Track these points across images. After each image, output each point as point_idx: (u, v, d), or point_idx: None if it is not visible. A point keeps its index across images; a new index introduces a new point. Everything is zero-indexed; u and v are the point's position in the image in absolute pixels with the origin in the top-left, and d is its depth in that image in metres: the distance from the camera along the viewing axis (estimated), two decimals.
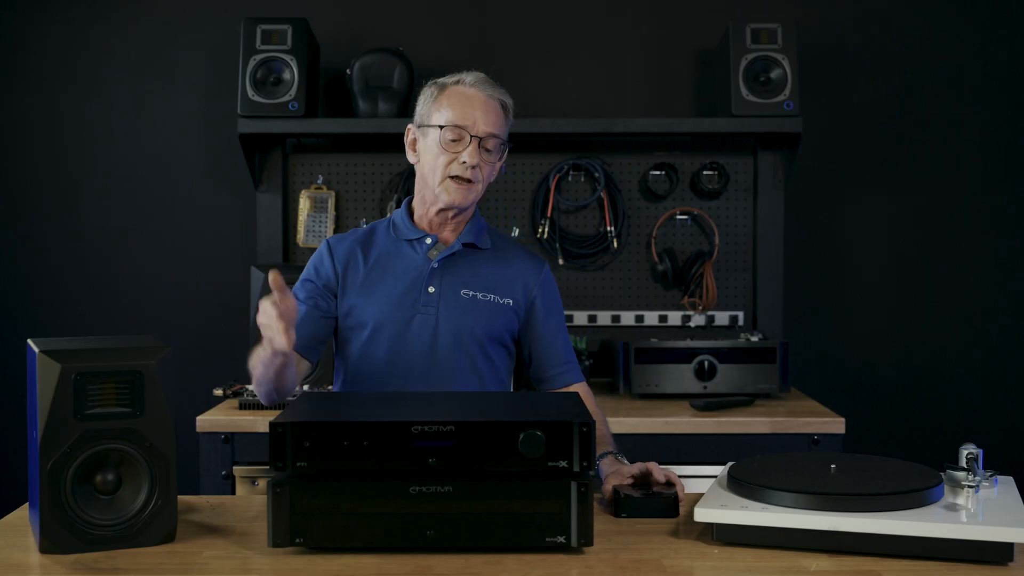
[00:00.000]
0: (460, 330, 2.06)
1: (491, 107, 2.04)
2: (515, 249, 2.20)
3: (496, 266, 2.13)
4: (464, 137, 2.02)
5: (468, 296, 2.08)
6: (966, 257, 3.48)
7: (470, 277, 2.10)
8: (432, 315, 2.06)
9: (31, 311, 3.47)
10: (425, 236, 2.12)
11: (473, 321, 2.07)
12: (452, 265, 2.10)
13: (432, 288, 2.07)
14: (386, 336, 2.05)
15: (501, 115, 2.06)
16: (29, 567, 1.44)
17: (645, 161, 3.44)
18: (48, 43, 3.45)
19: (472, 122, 2.02)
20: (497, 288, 2.11)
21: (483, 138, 2.02)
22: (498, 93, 2.07)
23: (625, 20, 3.49)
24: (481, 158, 2.03)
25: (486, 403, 1.72)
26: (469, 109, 2.02)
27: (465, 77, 2.07)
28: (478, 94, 2.04)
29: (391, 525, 1.45)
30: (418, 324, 2.05)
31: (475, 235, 2.13)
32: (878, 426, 3.46)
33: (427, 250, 2.11)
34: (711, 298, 3.38)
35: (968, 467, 1.54)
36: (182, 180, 3.49)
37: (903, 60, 3.47)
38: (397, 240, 2.13)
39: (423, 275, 2.08)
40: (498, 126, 2.04)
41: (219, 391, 2.94)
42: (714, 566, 1.43)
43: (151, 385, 1.51)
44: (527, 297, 2.13)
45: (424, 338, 2.05)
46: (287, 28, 3.19)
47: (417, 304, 2.06)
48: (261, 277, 3.07)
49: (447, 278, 2.08)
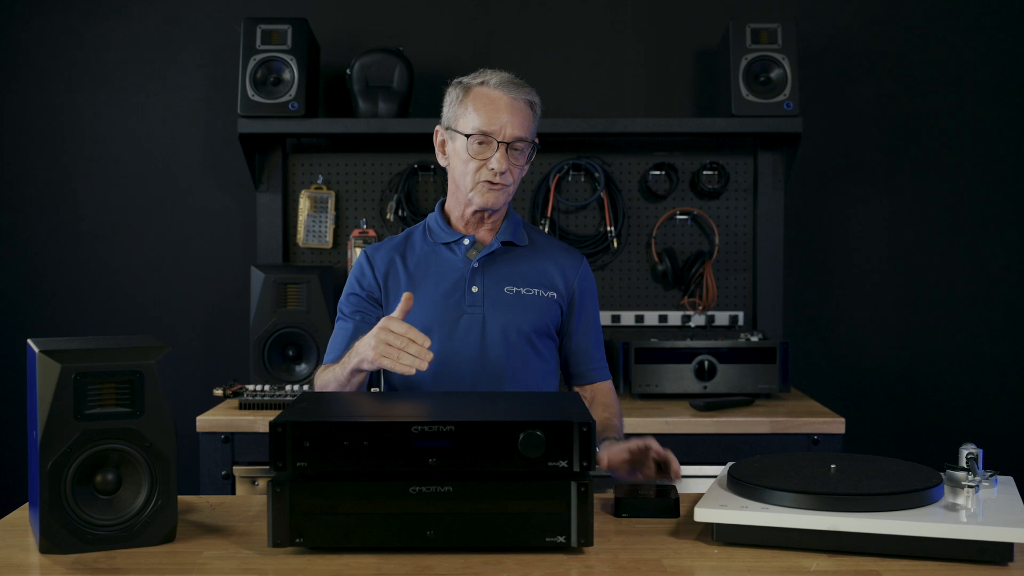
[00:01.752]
0: (508, 326, 2.06)
1: (517, 109, 2.02)
2: (554, 244, 2.20)
3: (536, 261, 2.13)
4: (491, 143, 2.00)
5: (512, 292, 2.08)
6: (966, 257, 3.48)
7: (512, 273, 2.10)
8: (478, 314, 2.06)
9: (31, 311, 3.47)
10: (462, 237, 2.11)
11: (520, 316, 2.07)
12: (492, 263, 2.10)
13: (475, 288, 2.07)
14: (435, 339, 2.03)
15: (528, 115, 2.04)
16: (29, 567, 1.44)
17: (645, 161, 3.44)
18: (48, 43, 3.45)
19: (499, 128, 2.00)
20: (540, 282, 2.12)
21: (510, 143, 2.00)
22: (523, 93, 2.04)
23: (625, 20, 3.49)
24: (510, 161, 2.01)
25: (486, 403, 1.72)
26: (495, 114, 2.00)
27: (490, 78, 2.04)
28: (503, 96, 2.01)
29: (391, 525, 1.45)
30: (465, 324, 2.05)
31: (512, 232, 2.13)
32: (878, 426, 3.46)
33: (466, 251, 2.10)
34: (711, 298, 3.38)
35: (968, 467, 1.54)
36: (182, 180, 3.49)
37: (903, 60, 3.47)
38: (435, 244, 2.13)
39: (465, 276, 2.08)
40: (525, 128, 2.02)
41: (219, 391, 2.94)
42: (714, 566, 1.43)
43: (151, 385, 1.51)
44: (568, 290, 2.14)
45: (472, 338, 2.05)
46: (287, 28, 3.19)
47: (462, 305, 2.06)
48: (261, 277, 3.08)
49: (489, 277, 2.08)
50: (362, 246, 3.38)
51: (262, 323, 3.06)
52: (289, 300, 3.07)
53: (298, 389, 2.91)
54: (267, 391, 2.90)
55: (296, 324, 3.06)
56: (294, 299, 3.07)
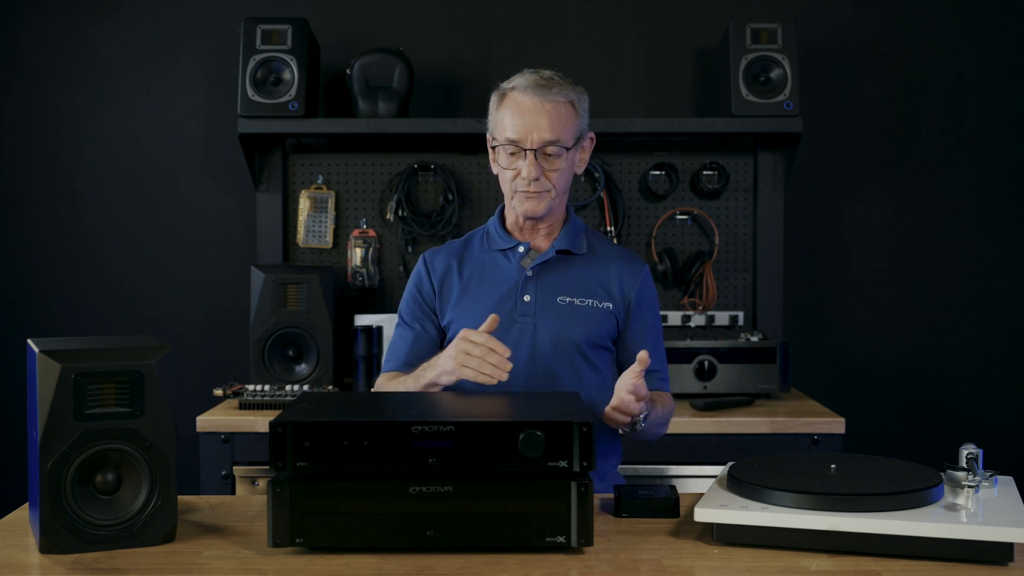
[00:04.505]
0: (559, 337, 2.01)
1: (546, 112, 1.95)
2: (613, 251, 2.14)
3: (593, 270, 2.08)
4: (520, 151, 1.97)
5: (565, 303, 2.04)
6: (966, 257, 3.48)
7: (566, 283, 2.05)
8: (530, 324, 2.02)
9: (31, 311, 3.47)
10: (518, 245, 2.07)
11: (572, 327, 2.02)
12: (547, 272, 2.06)
13: (528, 296, 2.03)
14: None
15: (562, 116, 1.96)
16: (29, 567, 1.44)
17: (645, 161, 3.44)
18: (48, 43, 3.45)
19: (525, 135, 1.95)
20: (595, 292, 2.06)
21: (539, 148, 1.96)
22: (555, 95, 1.97)
23: (625, 20, 3.49)
24: (542, 168, 1.97)
25: (486, 403, 1.72)
26: (521, 120, 1.96)
27: (519, 81, 1.99)
28: (530, 101, 1.96)
29: (391, 525, 1.45)
30: (516, 334, 2.01)
31: (570, 240, 2.08)
32: (878, 426, 3.46)
33: (520, 259, 2.07)
34: (711, 298, 3.38)
35: (968, 467, 1.54)
36: (182, 180, 3.49)
37: (903, 60, 3.47)
38: (491, 250, 2.10)
39: (518, 284, 2.05)
40: (556, 130, 1.96)
41: (219, 391, 2.94)
42: (714, 566, 1.43)
43: (151, 385, 1.51)
44: (625, 299, 2.08)
45: (523, 347, 2.01)
46: (287, 28, 3.19)
47: (514, 314, 2.03)
48: (261, 277, 3.08)
49: (542, 285, 2.05)
50: (362, 246, 3.38)
51: (262, 323, 3.06)
52: (289, 300, 3.07)
53: (298, 389, 2.91)
54: (267, 391, 2.90)
55: (296, 324, 3.06)
56: (294, 299, 3.07)
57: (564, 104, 1.98)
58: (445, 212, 3.38)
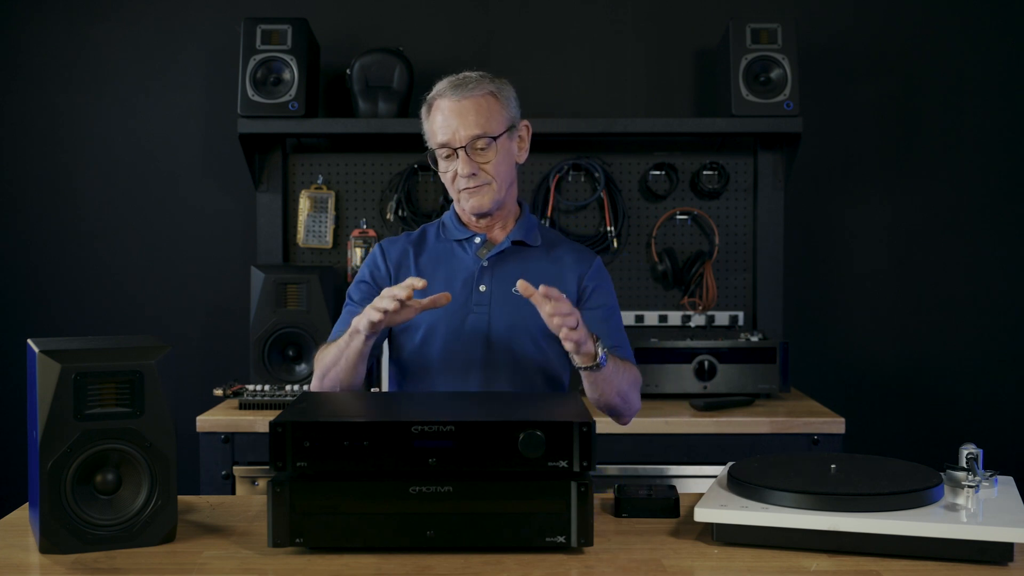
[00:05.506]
0: (514, 327, 2.04)
1: (467, 108, 2.00)
2: (566, 245, 2.18)
3: (547, 262, 2.11)
4: (453, 152, 2.01)
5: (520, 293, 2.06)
6: (966, 257, 3.48)
7: (521, 274, 2.05)
8: (484, 314, 2.05)
9: (31, 311, 3.47)
10: (474, 236, 2.11)
11: (526, 317, 2.03)
12: (502, 263, 2.09)
13: (483, 287, 2.06)
14: (439, 337, 2.03)
15: (484, 108, 2.01)
16: (29, 567, 1.44)
17: (645, 161, 3.44)
18: (48, 43, 3.45)
19: (452, 135, 2.00)
20: (549, 283, 2.07)
21: (467, 145, 1.99)
22: (473, 90, 2.02)
23: (625, 20, 3.49)
24: (477, 161, 2.00)
25: (486, 403, 1.72)
26: (446, 122, 2.00)
27: (439, 87, 2.05)
28: (450, 103, 2.01)
29: (391, 525, 1.45)
30: (471, 323, 2.04)
31: (525, 232, 2.12)
32: (878, 426, 3.46)
33: (476, 249, 2.10)
34: (711, 298, 3.38)
35: (968, 467, 1.54)
36: (182, 180, 3.49)
37: (903, 60, 3.47)
38: (447, 241, 2.13)
39: (474, 274, 2.07)
40: (481, 124, 2.00)
41: (219, 391, 2.94)
42: (714, 566, 1.43)
43: (151, 385, 1.51)
44: (579, 288, 2.11)
45: (478, 337, 2.04)
46: (287, 28, 3.19)
47: (469, 303, 2.05)
48: (261, 277, 3.08)
49: (498, 276, 2.07)
50: (362, 246, 3.38)
51: (262, 323, 3.06)
52: (289, 300, 3.07)
53: (298, 389, 2.91)
54: (267, 391, 2.90)
55: (296, 324, 3.06)
56: (294, 299, 3.07)
57: (484, 97, 2.02)
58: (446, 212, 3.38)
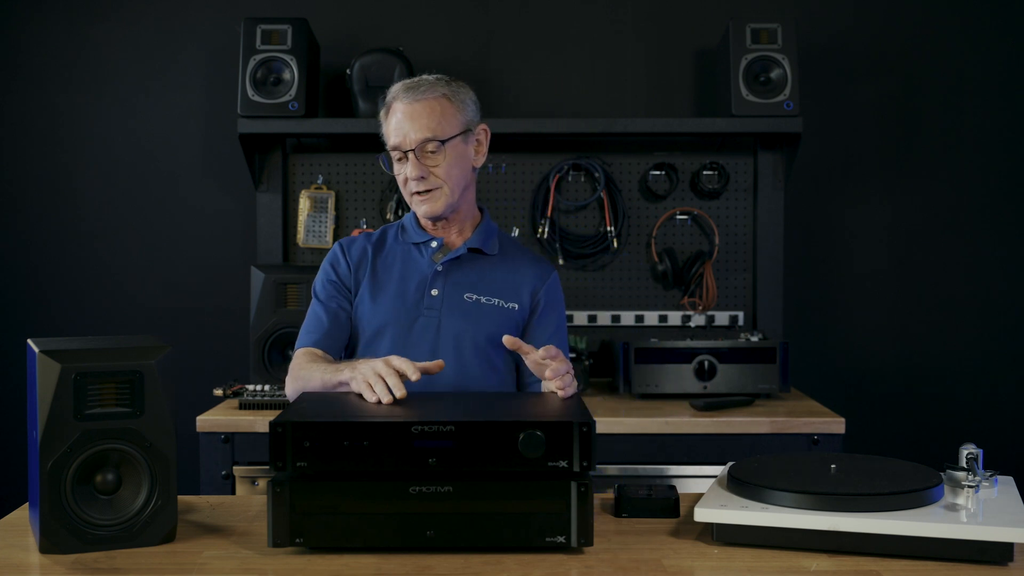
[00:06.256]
0: (461, 334, 2.04)
1: (418, 111, 2.00)
2: (524, 255, 2.17)
3: (503, 271, 2.11)
4: (404, 155, 2.01)
5: (472, 300, 2.07)
6: (966, 257, 3.48)
7: (476, 281, 2.08)
8: (435, 318, 2.05)
9: (31, 311, 3.47)
10: (431, 239, 2.11)
11: (475, 325, 2.05)
12: (457, 269, 2.09)
13: (435, 291, 2.06)
14: (388, 338, 2.05)
15: (435, 112, 2.00)
16: (29, 567, 1.44)
17: (645, 161, 3.44)
18: (48, 43, 3.45)
19: (403, 138, 2.00)
20: (503, 293, 2.09)
21: (416, 148, 1.99)
22: (425, 93, 2.01)
23: (625, 20, 3.49)
24: (426, 165, 2.00)
25: (486, 403, 1.72)
26: (398, 125, 2.01)
27: (394, 90, 2.05)
28: (402, 105, 2.01)
29: (391, 525, 1.45)
30: (420, 327, 2.05)
31: (482, 240, 2.12)
32: (878, 426, 3.46)
33: (432, 253, 2.10)
34: (711, 298, 3.38)
35: (968, 467, 1.54)
36: (182, 180, 3.49)
37: (903, 60, 3.47)
38: (405, 243, 2.13)
39: (427, 278, 2.08)
40: (431, 127, 1.99)
41: (219, 391, 2.94)
42: (714, 566, 1.43)
43: (151, 385, 1.51)
44: (532, 301, 2.11)
45: (425, 341, 2.04)
46: (287, 28, 3.19)
47: (420, 307, 2.06)
48: (261, 277, 3.07)
49: (451, 281, 2.07)
50: None
51: (262, 323, 3.06)
52: (289, 300, 3.07)
53: None
54: (267, 391, 2.90)
55: (296, 324, 3.04)
56: (294, 299, 3.07)
57: (437, 100, 2.01)
58: None
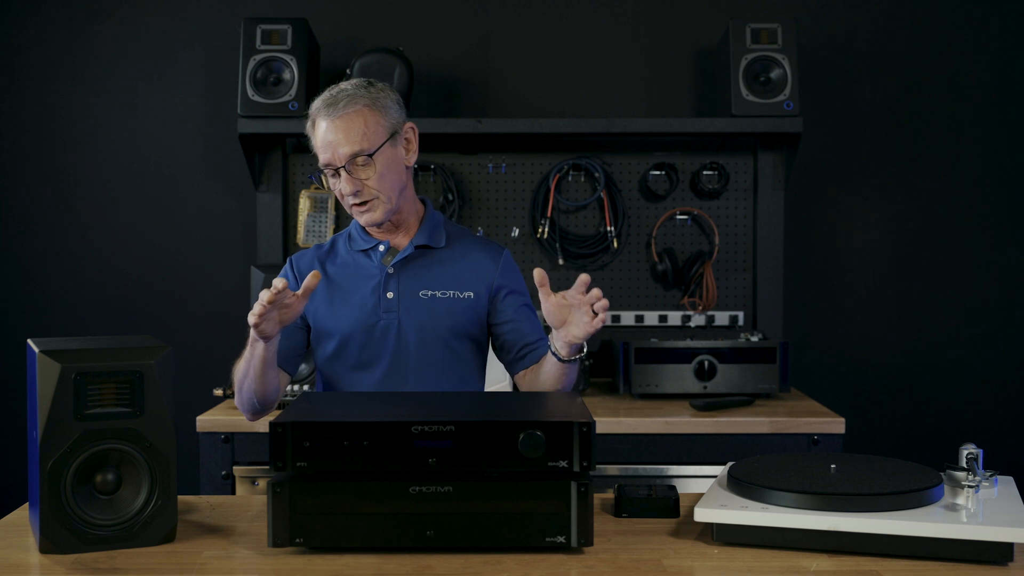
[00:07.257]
0: (423, 330, 2.07)
1: (341, 127, 1.99)
2: (472, 242, 2.18)
3: (453, 262, 2.13)
4: (334, 171, 2.02)
5: (427, 296, 2.09)
6: (966, 257, 3.48)
7: (427, 277, 2.10)
8: (394, 319, 2.07)
9: (31, 311, 3.47)
10: (378, 244, 2.13)
11: (435, 320, 2.07)
12: (408, 268, 2.11)
13: (391, 293, 2.08)
14: (354, 345, 2.08)
15: (358, 126, 1.98)
16: (29, 567, 1.44)
17: (645, 161, 3.44)
18: (48, 43, 3.45)
19: (332, 155, 2.00)
20: (456, 283, 2.11)
21: (347, 164, 1.99)
22: (342, 108, 1.99)
23: (625, 20, 3.49)
24: (359, 178, 2.00)
25: (486, 403, 1.72)
26: (323, 143, 2.00)
27: (315, 105, 2.03)
28: (325, 122, 2.00)
29: (391, 525, 1.45)
30: (381, 331, 2.07)
31: (428, 235, 2.13)
32: (878, 426, 3.46)
33: (381, 257, 2.12)
34: (711, 298, 3.38)
35: (968, 467, 1.54)
36: (182, 180, 3.49)
37: (903, 60, 3.47)
38: (354, 251, 2.15)
39: (381, 282, 2.09)
40: (356, 141, 1.98)
41: (219, 391, 2.94)
42: (714, 566, 1.43)
43: (151, 385, 1.51)
44: (489, 287, 2.13)
45: (389, 343, 2.07)
46: (287, 28, 3.19)
47: (379, 311, 2.08)
48: (261, 277, 3.07)
49: (404, 281, 2.09)
50: None
51: None
52: None
53: (298, 389, 2.91)
54: None
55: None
56: None
57: (358, 112, 2.00)
58: (445, 212, 3.38)
